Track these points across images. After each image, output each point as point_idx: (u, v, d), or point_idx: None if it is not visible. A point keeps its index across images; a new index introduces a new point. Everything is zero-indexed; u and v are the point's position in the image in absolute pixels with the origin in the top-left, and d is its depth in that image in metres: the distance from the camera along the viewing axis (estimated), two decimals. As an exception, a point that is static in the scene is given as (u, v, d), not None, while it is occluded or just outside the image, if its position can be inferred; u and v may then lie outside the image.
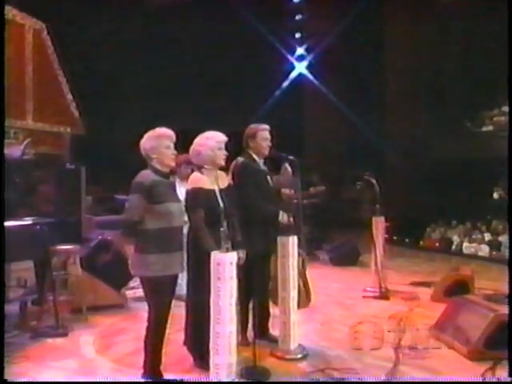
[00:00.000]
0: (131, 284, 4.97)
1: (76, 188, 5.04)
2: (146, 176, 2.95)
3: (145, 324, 3.05)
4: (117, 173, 10.76)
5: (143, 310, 4.30)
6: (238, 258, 2.93)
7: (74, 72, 8.89)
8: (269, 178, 3.76)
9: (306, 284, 3.94)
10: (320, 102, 11.43)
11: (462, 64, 9.49)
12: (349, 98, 10.98)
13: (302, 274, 3.87)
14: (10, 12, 7.58)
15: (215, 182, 3.19)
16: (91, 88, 9.74)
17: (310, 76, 11.48)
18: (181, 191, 3.84)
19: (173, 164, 3.08)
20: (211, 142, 3.25)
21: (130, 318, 4.52)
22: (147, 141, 3.02)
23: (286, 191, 4.06)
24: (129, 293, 5.09)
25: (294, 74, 11.63)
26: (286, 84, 11.52)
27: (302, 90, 11.89)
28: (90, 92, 9.43)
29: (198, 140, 3.30)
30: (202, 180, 3.21)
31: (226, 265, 2.76)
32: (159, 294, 2.95)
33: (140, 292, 4.84)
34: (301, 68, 11.61)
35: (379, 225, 5.58)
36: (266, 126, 3.77)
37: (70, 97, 8.91)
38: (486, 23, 8.91)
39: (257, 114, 9.84)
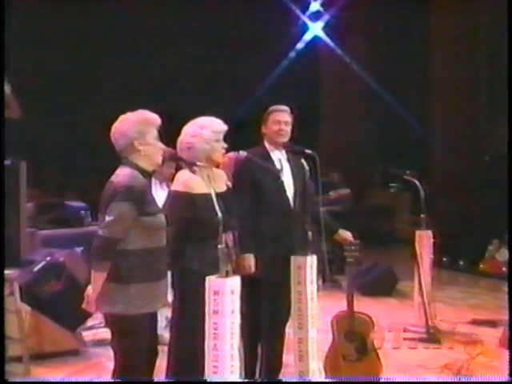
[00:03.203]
0: (90, 322, 4.95)
1: (13, 191, 5.04)
2: (133, 177, 2.91)
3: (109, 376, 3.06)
4: (64, 171, 10.76)
5: (106, 357, 4.35)
6: (244, 266, 2.92)
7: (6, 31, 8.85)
8: (287, 180, 3.75)
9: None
10: (341, 75, 11.50)
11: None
12: (380, 71, 11.02)
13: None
14: None
15: (210, 183, 3.22)
16: (29, 54, 9.73)
17: (327, 40, 11.54)
18: (158, 196, 3.86)
19: (160, 162, 3.10)
20: (206, 131, 3.28)
21: (88, 368, 4.52)
22: (134, 125, 2.96)
23: (344, 233, 4.09)
24: (86, 334, 5.08)
25: (307, 38, 11.68)
26: (296, 51, 11.52)
27: (317, 59, 11.96)
28: (27, 60, 9.42)
29: (188, 129, 3.34)
30: (194, 181, 3.23)
31: (225, 294, 2.78)
32: (134, 336, 2.93)
33: (102, 333, 4.89)
34: (316, 29, 11.66)
35: (425, 241, 5.62)
36: (283, 107, 3.83)
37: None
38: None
39: (259, 91, 9.90)
